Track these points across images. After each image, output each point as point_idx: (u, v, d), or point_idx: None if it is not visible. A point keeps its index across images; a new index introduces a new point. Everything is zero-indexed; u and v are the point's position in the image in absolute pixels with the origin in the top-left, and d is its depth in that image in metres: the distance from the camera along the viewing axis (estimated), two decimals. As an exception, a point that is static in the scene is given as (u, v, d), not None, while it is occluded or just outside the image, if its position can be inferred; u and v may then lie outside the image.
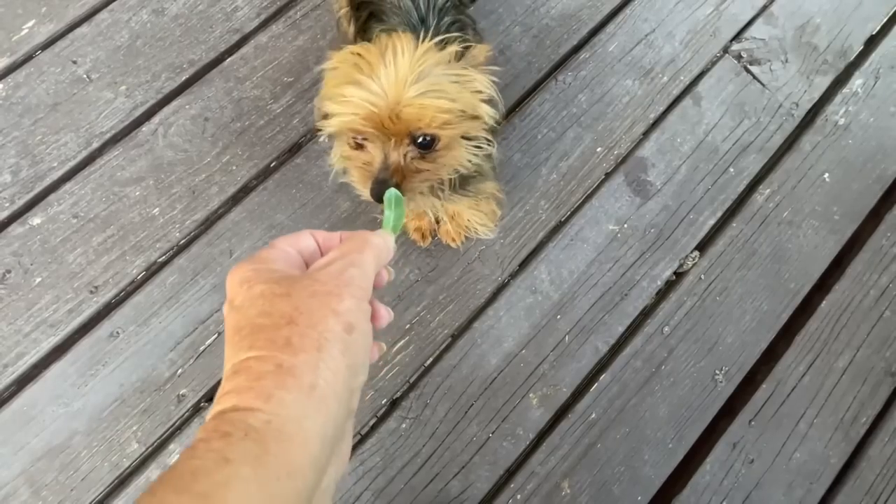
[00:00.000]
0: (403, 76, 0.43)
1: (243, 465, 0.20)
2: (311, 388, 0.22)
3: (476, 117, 0.49)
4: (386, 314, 0.30)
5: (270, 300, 0.24)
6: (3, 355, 0.69)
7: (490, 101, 0.49)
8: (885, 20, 0.95)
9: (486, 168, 0.56)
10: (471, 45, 0.49)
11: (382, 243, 0.28)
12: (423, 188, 0.49)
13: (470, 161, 0.51)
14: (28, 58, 0.78)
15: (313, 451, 0.22)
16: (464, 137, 0.50)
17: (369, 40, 0.54)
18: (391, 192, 0.37)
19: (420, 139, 0.46)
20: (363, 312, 0.25)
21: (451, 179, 0.53)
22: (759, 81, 0.90)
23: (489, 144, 0.52)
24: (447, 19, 0.57)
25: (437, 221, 0.72)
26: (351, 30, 0.65)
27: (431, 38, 0.46)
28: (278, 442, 0.21)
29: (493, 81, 0.49)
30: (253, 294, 0.24)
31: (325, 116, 0.47)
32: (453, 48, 0.46)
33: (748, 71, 0.90)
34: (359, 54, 0.45)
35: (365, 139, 0.46)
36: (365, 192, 0.47)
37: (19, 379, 0.69)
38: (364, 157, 0.47)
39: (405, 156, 0.46)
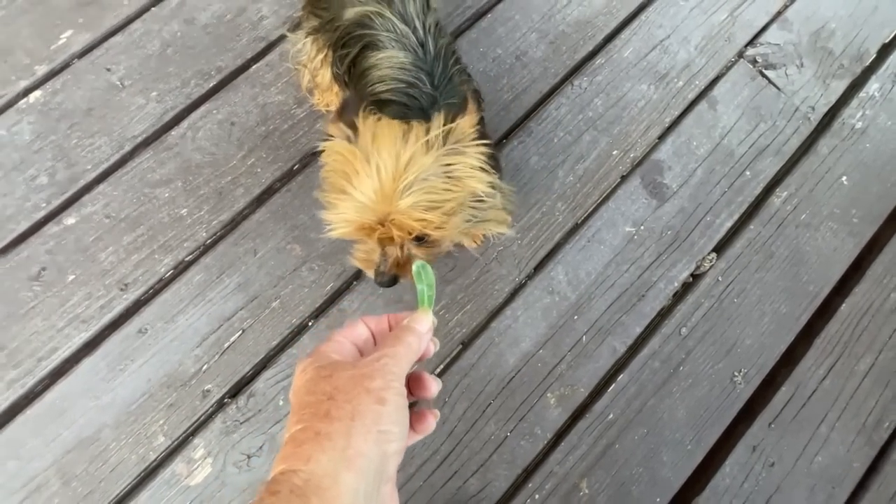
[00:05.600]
0: (390, 187, 0.44)
1: None
2: (344, 449, 0.27)
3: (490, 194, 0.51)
4: (434, 384, 0.34)
5: (316, 382, 0.29)
6: (37, 350, 0.71)
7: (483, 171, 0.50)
8: (903, 26, 0.96)
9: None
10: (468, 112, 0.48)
11: (414, 338, 0.33)
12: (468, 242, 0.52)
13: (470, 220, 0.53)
14: (65, 66, 0.82)
15: (345, 500, 0.26)
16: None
17: (360, 78, 0.56)
18: (417, 265, 0.38)
19: (417, 236, 0.49)
20: (394, 390, 0.29)
21: None
22: (774, 86, 0.91)
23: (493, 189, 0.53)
24: (443, 40, 0.58)
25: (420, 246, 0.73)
26: (327, 76, 0.67)
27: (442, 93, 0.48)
28: (316, 494, 0.25)
29: (485, 149, 0.49)
30: (305, 378, 0.29)
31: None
32: (438, 131, 0.47)
33: (763, 75, 0.91)
34: (345, 156, 0.46)
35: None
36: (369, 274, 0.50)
37: (52, 373, 0.71)
38: (364, 250, 0.50)
39: (401, 248, 0.49)
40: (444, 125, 0.48)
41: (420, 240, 0.50)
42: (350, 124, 0.48)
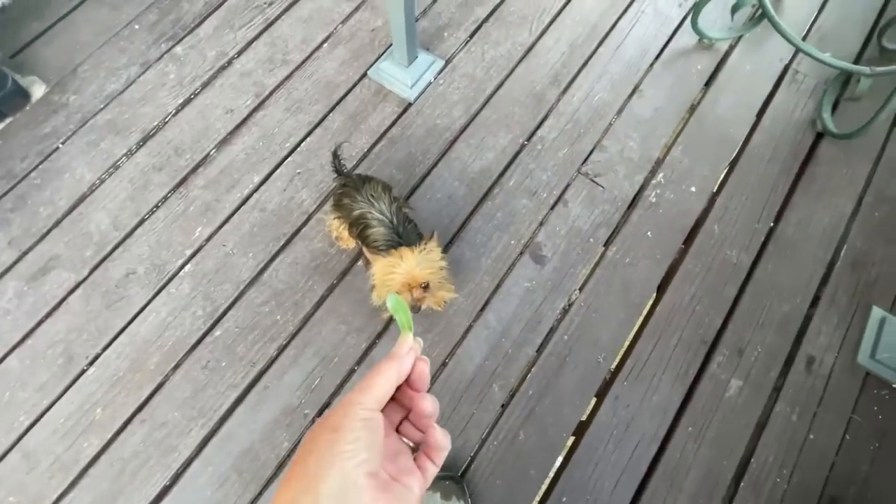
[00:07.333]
0: (412, 266, 1.06)
1: None
2: (304, 482, 0.33)
3: (442, 268, 1.13)
4: (427, 402, 0.41)
5: (303, 444, 0.36)
6: (212, 405, 1.30)
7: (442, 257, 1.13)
8: (671, 141, 1.62)
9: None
10: (429, 239, 1.11)
11: (391, 363, 0.40)
12: (431, 302, 1.12)
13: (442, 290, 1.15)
14: (200, 247, 1.46)
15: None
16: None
17: (365, 238, 1.18)
18: (391, 299, 0.46)
19: (424, 285, 1.10)
20: (352, 416, 0.36)
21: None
22: (601, 186, 1.55)
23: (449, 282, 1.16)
24: (401, 216, 1.20)
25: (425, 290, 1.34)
26: (346, 234, 1.28)
27: (405, 239, 1.11)
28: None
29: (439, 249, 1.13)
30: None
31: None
32: (422, 246, 1.08)
33: (594, 181, 1.56)
34: (389, 262, 1.08)
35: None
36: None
37: (221, 417, 1.30)
38: (404, 297, 1.11)
39: (418, 291, 1.10)
40: (423, 244, 1.10)
41: (425, 288, 1.10)
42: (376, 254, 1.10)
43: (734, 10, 1.63)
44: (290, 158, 1.56)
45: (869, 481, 1.28)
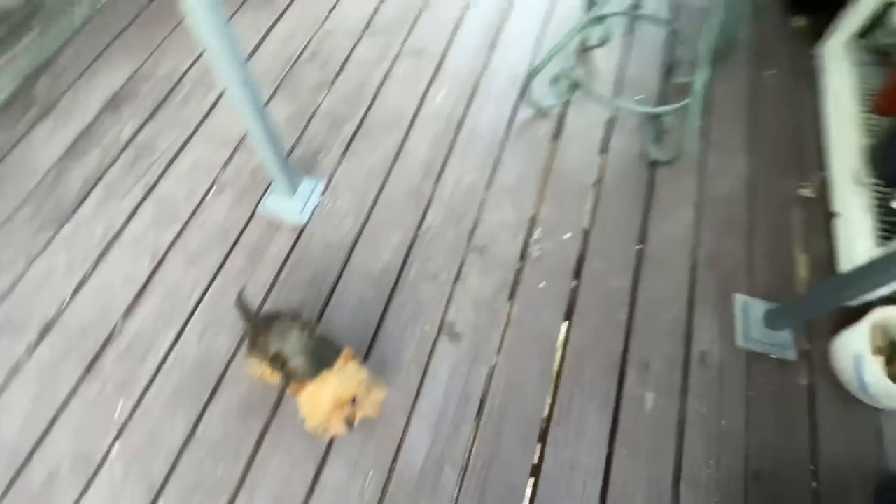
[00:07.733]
0: (334, 387, 1.13)
1: None
2: None
3: (362, 380, 1.21)
4: None
5: None
6: (170, 587, 1.26)
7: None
8: (538, 199, 1.86)
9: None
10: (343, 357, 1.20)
11: None
12: (367, 411, 1.19)
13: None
14: (125, 424, 1.44)
15: None
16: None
17: (287, 373, 1.25)
18: None
19: (353, 399, 1.17)
20: None
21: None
22: (491, 255, 1.74)
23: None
24: (314, 342, 1.29)
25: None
26: (268, 372, 1.36)
27: (324, 362, 1.20)
28: None
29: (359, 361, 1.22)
30: None
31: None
32: (338, 367, 1.18)
33: (483, 252, 1.74)
34: (312, 390, 1.15)
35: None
36: (343, 431, 1.16)
37: None
38: (337, 415, 1.16)
39: (350, 407, 1.16)
40: (340, 363, 1.18)
41: (353, 401, 1.16)
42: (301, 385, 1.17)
43: (553, 83, 1.94)
44: (198, 310, 1.61)
45: (780, 447, 1.46)
